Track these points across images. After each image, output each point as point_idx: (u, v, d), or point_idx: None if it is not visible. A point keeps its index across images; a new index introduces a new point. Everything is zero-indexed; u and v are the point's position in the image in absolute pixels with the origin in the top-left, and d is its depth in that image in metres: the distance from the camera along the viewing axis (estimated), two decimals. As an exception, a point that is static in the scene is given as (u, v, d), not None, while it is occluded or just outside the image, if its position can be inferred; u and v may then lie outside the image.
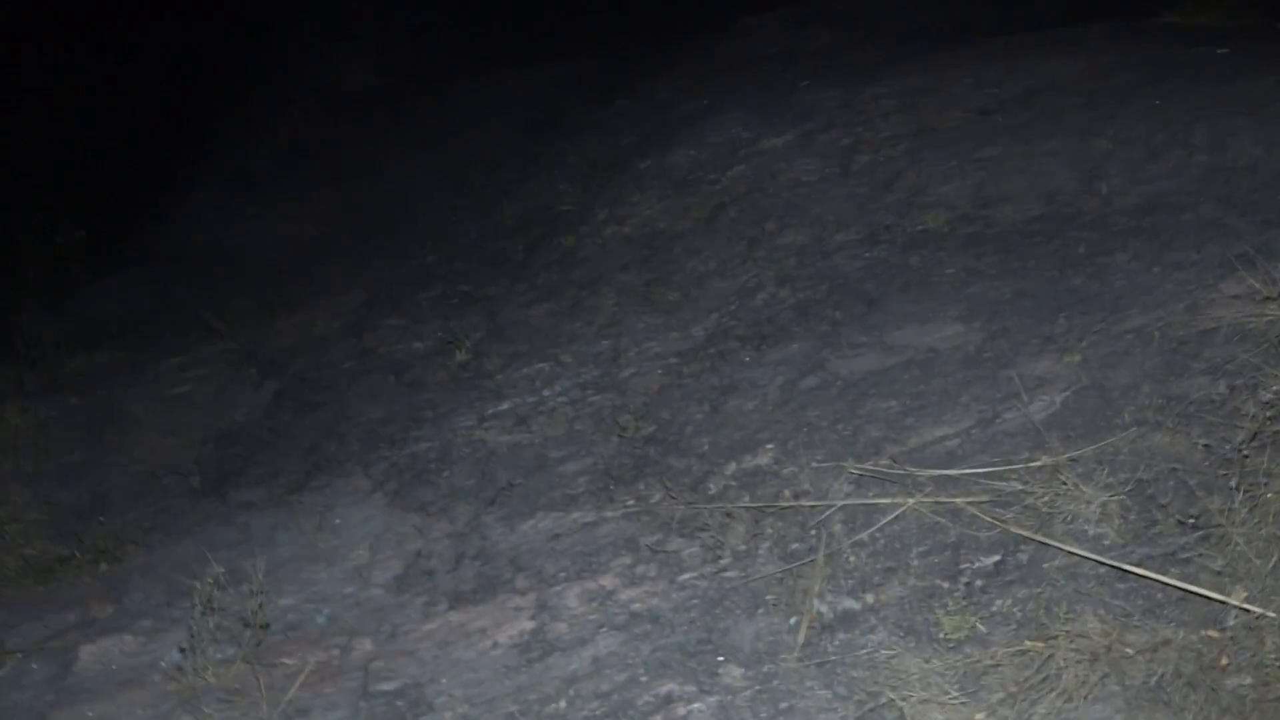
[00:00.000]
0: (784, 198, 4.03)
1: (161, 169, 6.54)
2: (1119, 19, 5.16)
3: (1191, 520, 2.14)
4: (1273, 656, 1.87)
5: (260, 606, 2.56)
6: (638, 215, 4.35)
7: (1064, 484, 2.29)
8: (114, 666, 2.64)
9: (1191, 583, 2.02)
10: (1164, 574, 2.05)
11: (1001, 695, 1.93)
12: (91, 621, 2.86)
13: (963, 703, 1.94)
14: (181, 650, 2.54)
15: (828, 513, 2.44)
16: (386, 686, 2.33)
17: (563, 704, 2.16)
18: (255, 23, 7.57)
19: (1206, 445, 2.25)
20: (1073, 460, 2.34)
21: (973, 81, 4.41)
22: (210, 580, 2.58)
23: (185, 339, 4.71)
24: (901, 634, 2.11)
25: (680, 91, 5.60)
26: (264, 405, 3.99)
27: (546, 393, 3.49)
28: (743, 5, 6.67)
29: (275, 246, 5.73)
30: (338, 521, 3.07)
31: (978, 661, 2.00)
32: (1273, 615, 1.91)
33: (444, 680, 2.30)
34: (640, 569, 2.48)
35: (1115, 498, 2.23)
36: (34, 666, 2.70)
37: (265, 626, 2.57)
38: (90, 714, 2.45)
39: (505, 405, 3.49)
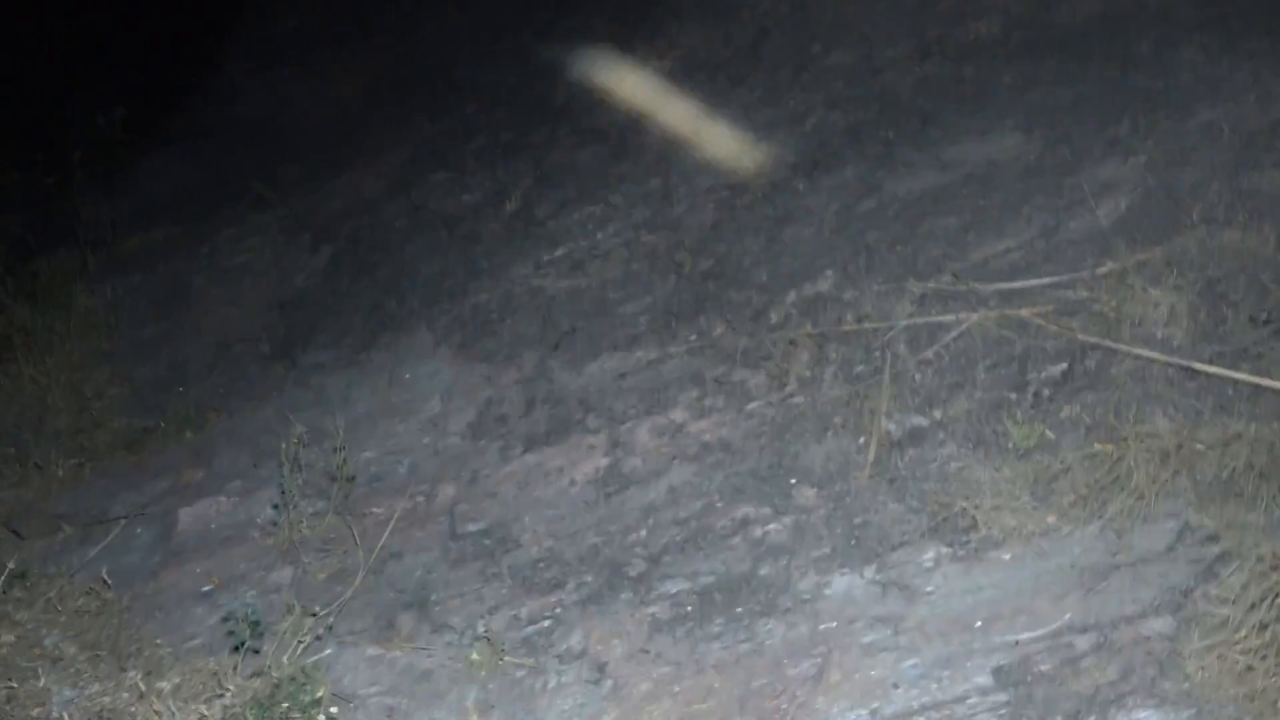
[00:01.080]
0: (828, 16, 3.88)
1: (192, 42, 6.45)
2: None
3: (1264, 316, 2.11)
4: (1348, 443, 1.87)
5: (344, 461, 2.66)
6: (679, 46, 4.23)
7: (1131, 288, 2.26)
8: (213, 526, 2.78)
9: (1263, 377, 2.01)
10: (1235, 370, 2.04)
11: (1072, 498, 1.97)
12: (185, 486, 3.00)
13: (1034, 507, 1.98)
14: (275, 507, 2.66)
15: (891, 333, 2.44)
16: (472, 527, 2.43)
17: (643, 533, 2.24)
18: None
19: (1279, 239, 2.20)
20: (1140, 264, 2.31)
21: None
22: (294, 440, 2.67)
23: (237, 209, 4.75)
24: (971, 446, 2.14)
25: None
26: (322, 269, 4.04)
27: (600, 236, 3.49)
28: None
29: (314, 111, 5.68)
30: (408, 376, 3.15)
31: (1048, 467, 2.03)
32: (1348, 403, 1.91)
33: (526, 518, 2.40)
34: (708, 401, 2.52)
35: (1184, 298, 2.21)
36: (138, 531, 2.86)
37: (351, 479, 2.68)
38: (198, 570, 2.59)
39: (560, 251, 3.50)
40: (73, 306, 4.27)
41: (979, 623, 1.84)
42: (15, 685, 2.26)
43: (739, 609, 2.02)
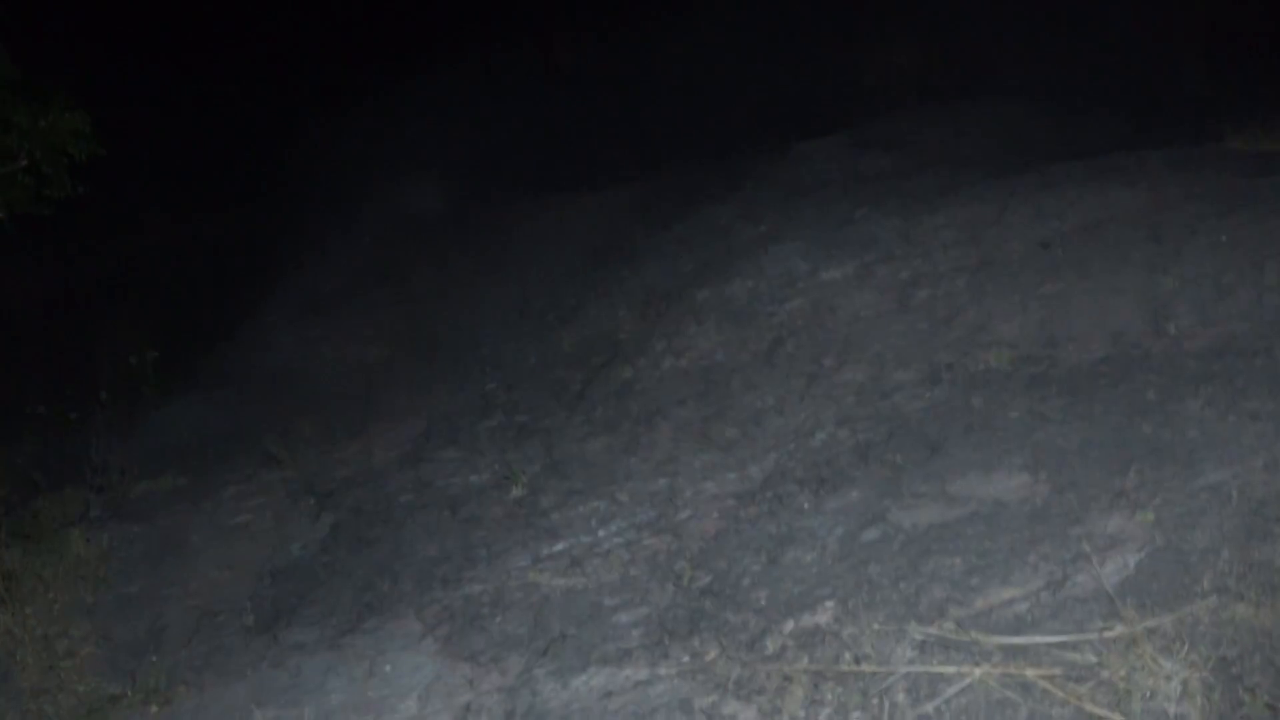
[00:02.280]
0: (842, 332, 4.00)
1: (235, 293, 6.75)
2: (1181, 144, 5.11)
3: (1281, 704, 2.01)
4: None
5: (306, 765, 2.51)
6: (696, 347, 4.34)
7: (1141, 657, 2.17)
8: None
9: (1284, 777, 1.88)
10: (1253, 766, 1.92)
11: None
12: (139, 771, 2.83)
13: None
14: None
15: (890, 680, 2.34)
16: None
17: None
18: (331, 150, 7.86)
19: (1293, 620, 2.13)
20: (1150, 630, 2.23)
21: (1033, 212, 4.38)
22: (258, 735, 2.54)
23: (247, 466, 4.77)
24: (970, 823, 1.99)
25: (739, 218, 5.64)
26: (320, 539, 4.00)
27: (602, 533, 3.44)
28: (799, 131, 6.76)
29: (340, 370, 5.83)
30: (388, 669, 3.03)
31: None
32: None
33: None
34: (694, 736, 2.39)
35: (1197, 674, 2.11)
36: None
37: (311, 786, 2.52)
38: None
39: (560, 545, 3.45)
40: (66, 553, 4.22)
41: None
42: None
43: None
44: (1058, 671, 2.22)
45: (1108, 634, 2.26)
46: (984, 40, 8.09)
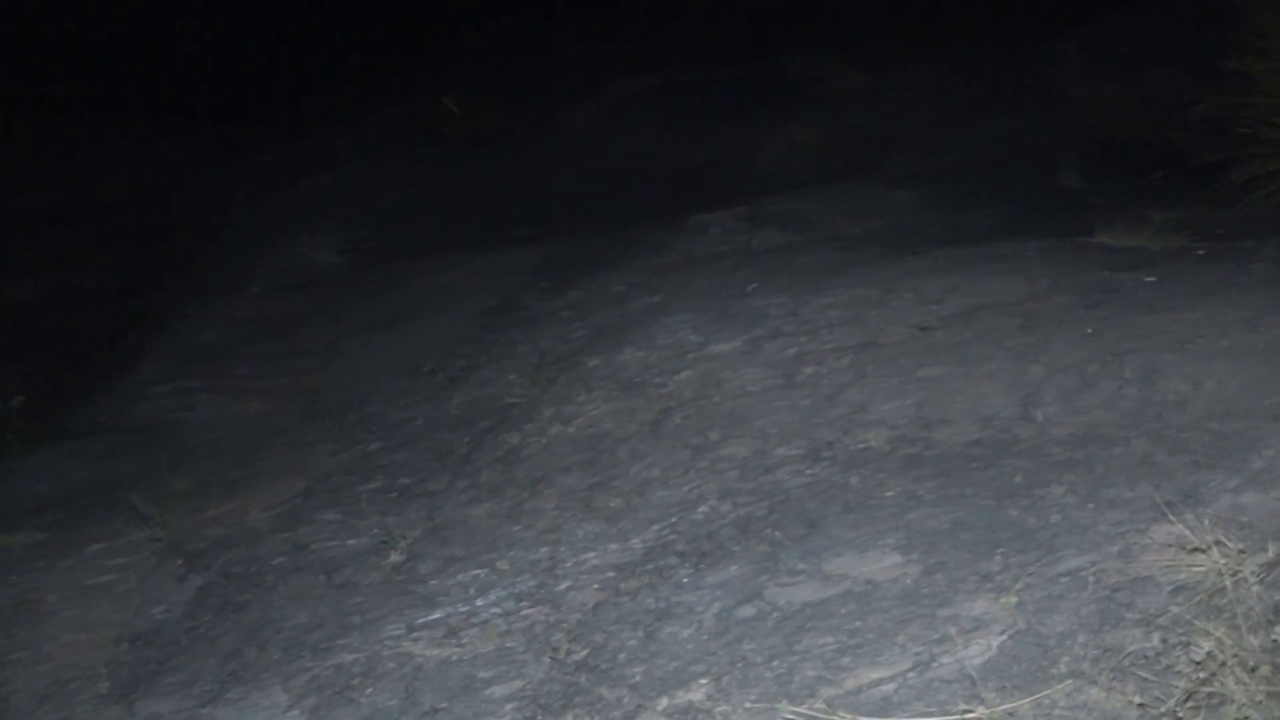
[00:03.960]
0: (729, 406, 4.05)
1: (114, 342, 6.51)
2: (1055, 236, 5.37)
3: (1129, 789, 2.07)
4: None
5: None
6: (585, 415, 4.35)
7: (999, 740, 2.22)
8: None
9: None
10: None
11: None
12: None
13: None
14: None
15: (759, 761, 2.34)
16: None
17: None
18: (223, 202, 7.72)
19: (1141, 704, 2.21)
20: (1009, 714, 2.29)
21: (916, 297, 4.53)
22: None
23: (112, 522, 4.58)
24: None
25: (634, 287, 5.70)
26: (186, 602, 3.85)
27: (480, 602, 3.40)
28: (698, 203, 6.89)
29: (220, 425, 5.65)
30: (249, 743, 2.92)
31: None
32: None
33: None
34: (561, 817, 2.35)
35: (1052, 758, 2.17)
36: None
37: None
38: None
39: (437, 614, 3.38)
40: (-95, 617, 3.98)
41: None
42: None
43: None
44: (921, 754, 2.26)
45: (969, 716, 2.31)
46: (877, 127, 8.42)
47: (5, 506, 4.87)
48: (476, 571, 3.56)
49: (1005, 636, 2.50)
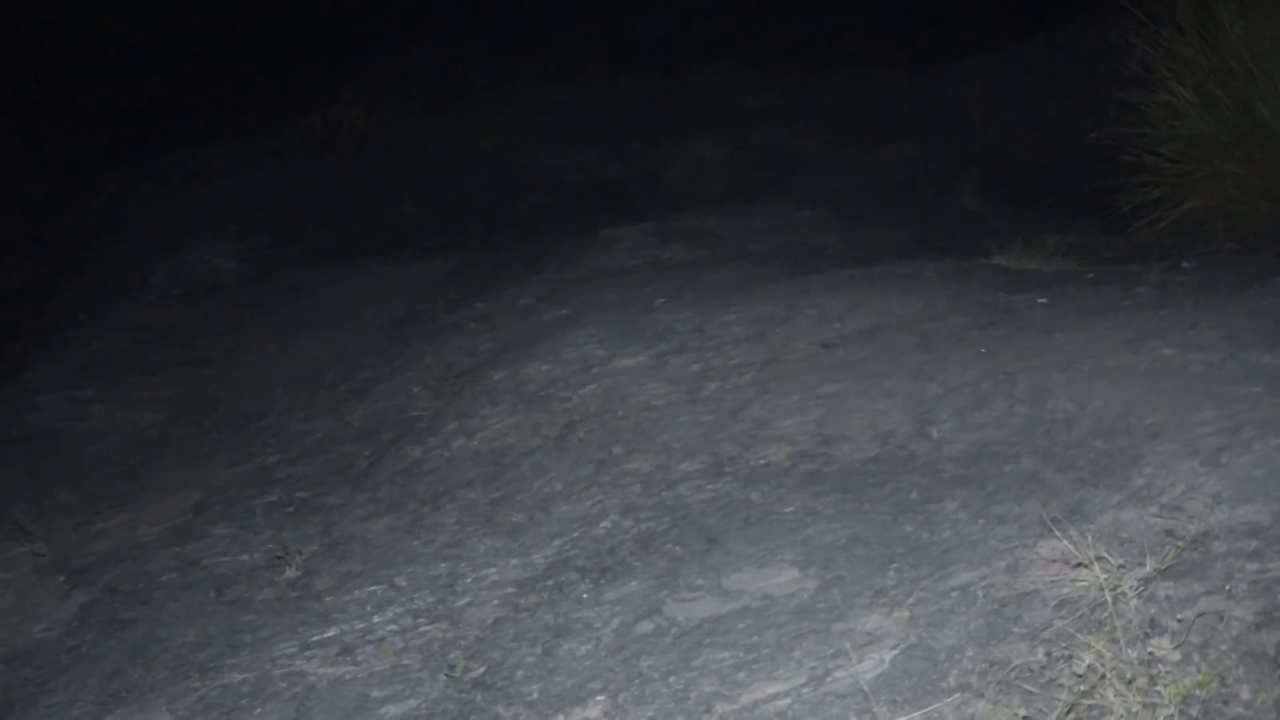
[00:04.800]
0: (633, 421, 4.06)
1: (3, 347, 6.25)
2: (954, 257, 5.51)
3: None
4: None
5: None
6: (488, 429, 4.31)
7: (889, 753, 2.26)
8: None
9: None
10: None
11: None
12: None
13: None
14: None
15: (654, 777, 2.34)
16: None
17: None
18: (122, 205, 7.47)
19: (1025, 717, 2.26)
20: (899, 727, 2.32)
21: (818, 314, 4.60)
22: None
23: (-8, 538, 4.38)
24: None
25: (541, 300, 5.68)
26: (67, 620, 3.70)
27: (377, 619, 3.34)
28: (607, 217, 6.91)
29: (111, 435, 5.46)
30: (129, 767, 2.81)
31: None
32: None
33: None
34: (453, 838, 2.32)
35: (939, 770, 2.21)
36: None
37: None
38: None
39: (331, 632, 3.32)
40: None
41: None
42: None
43: None
44: (813, 768, 2.28)
45: (861, 730, 2.34)
46: (785, 147, 8.55)
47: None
48: (374, 588, 3.50)
49: (897, 651, 2.54)
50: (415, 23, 11.60)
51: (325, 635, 3.29)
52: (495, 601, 3.25)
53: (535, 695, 2.72)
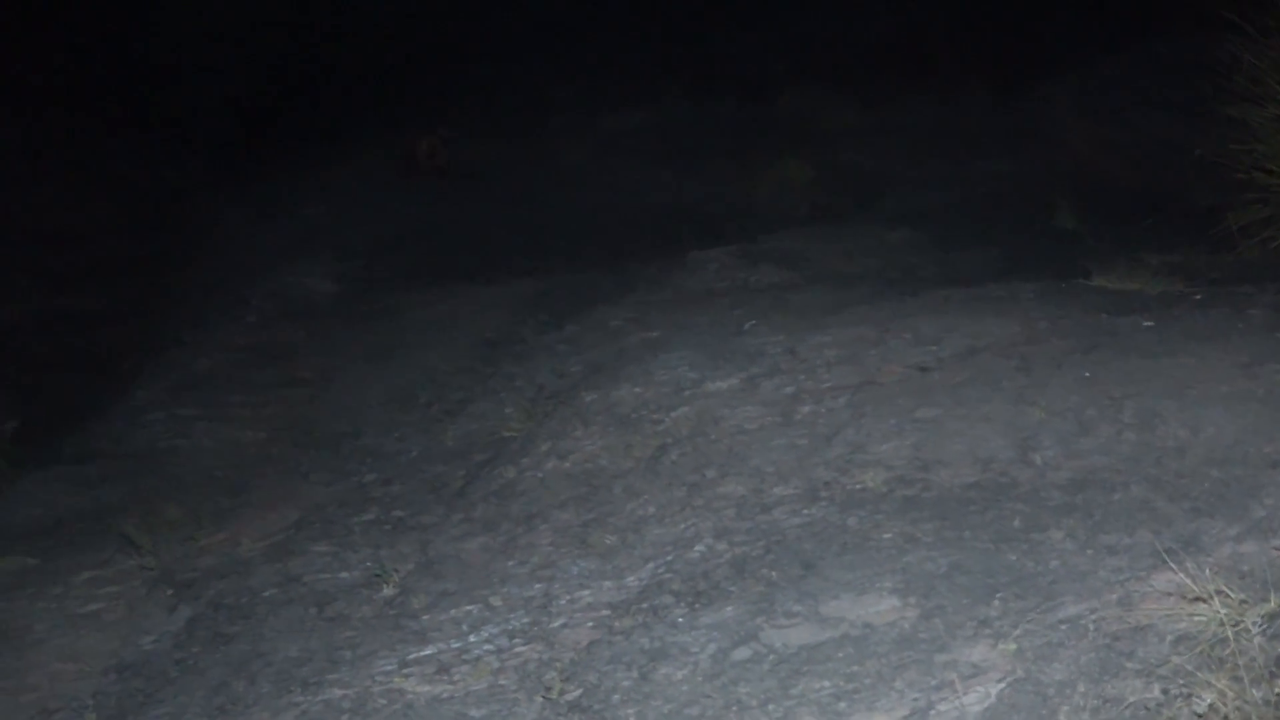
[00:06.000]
0: (726, 444, 4.04)
1: (109, 367, 6.49)
2: (1051, 278, 5.40)
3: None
4: None
5: None
6: (580, 450, 4.33)
7: (998, 790, 2.20)
8: None
9: None
10: None
11: None
12: None
13: None
14: None
15: (755, 807, 2.32)
16: None
17: None
18: (221, 228, 7.71)
19: (1142, 756, 2.20)
20: (1008, 763, 2.27)
21: (913, 337, 4.54)
22: None
23: (103, 551, 4.54)
24: None
25: (631, 322, 5.70)
26: (175, 633, 3.81)
27: (473, 638, 3.36)
28: (694, 239, 6.92)
29: (213, 452, 5.62)
30: (237, 779, 2.88)
31: None
32: None
33: None
34: None
35: (1051, 809, 2.15)
36: None
37: None
38: None
39: (429, 650, 3.35)
40: (-110, 639, 3.93)
41: None
42: None
43: None
44: (919, 802, 2.23)
45: (968, 765, 2.29)
46: (871, 166, 8.48)
47: (-3, 531, 4.82)
48: (469, 607, 3.53)
49: (1004, 684, 2.48)
50: (499, 46, 11.80)
51: (422, 653, 3.33)
52: (590, 623, 3.26)
53: (632, 719, 2.71)
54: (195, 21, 10.21)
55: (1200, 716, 2.20)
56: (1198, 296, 4.81)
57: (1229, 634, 2.32)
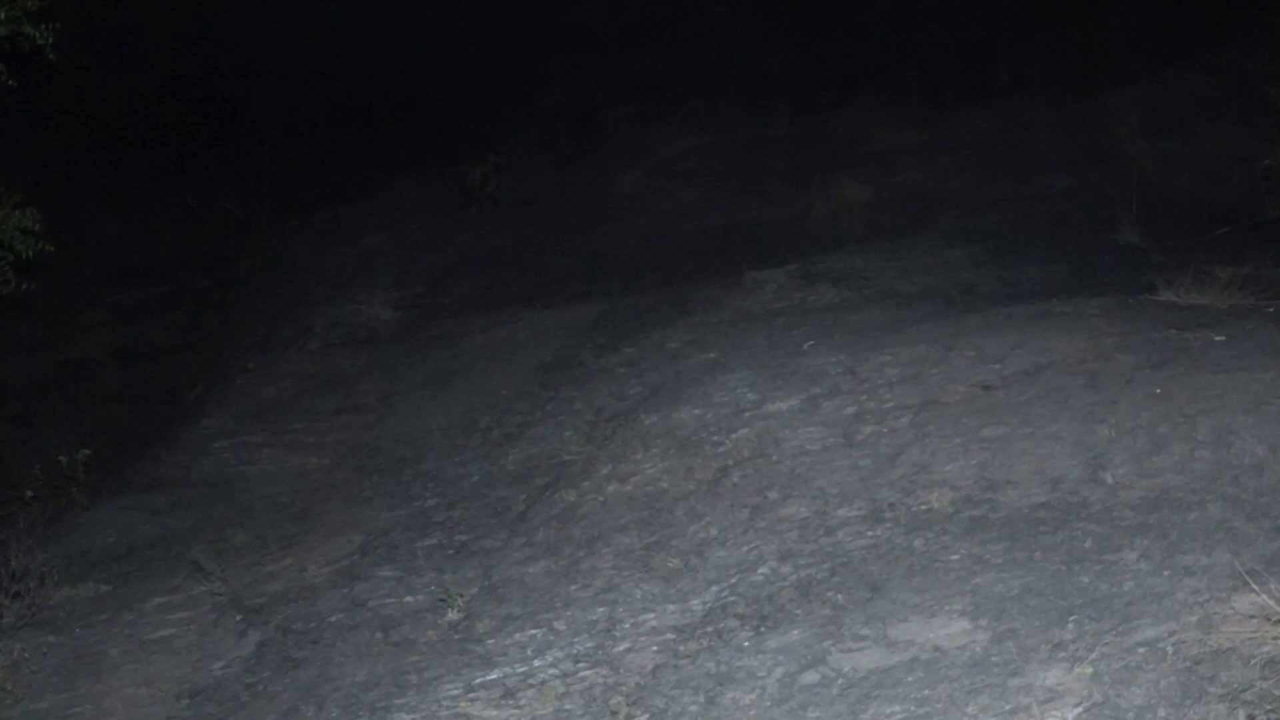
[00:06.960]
0: (787, 465, 4.02)
1: (177, 396, 6.63)
2: (1117, 294, 5.29)
3: None
4: None
5: None
6: (641, 473, 4.33)
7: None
8: None
9: None
10: None
11: None
12: None
13: None
14: None
15: (827, 834, 2.28)
16: None
17: None
18: (283, 258, 7.85)
19: (1229, 784, 2.13)
20: (1088, 790, 2.21)
21: (976, 355, 4.48)
22: None
23: (174, 576, 4.63)
24: None
25: (689, 343, 5.70)
26: (245, 658, 3.86)
27: (538, 663, 3.37)
28: (751, 260, 6.90)
29: (279, 479, 5.71)
30: (307, 806, 2.90)
31: None
32: None
33: None
34: None
35: (1135, 838, 2.09)
36: None
37: None
38: None
39: (494, 674, 3.36)
40: (-30, 667, 4.03)
41: None
42: None
43: None
44: (996, 831, 2.19)
45: (1046, 792, 2.24)
46: (928, 183, 8.39)
47: (70, 559, 4.93)
48: (533, 631, 3.54)
49: (1082, 709, 2.42)
50: (550, 70, 11.90)
51: (488, 678, 3.34)
52: (655, 647, 3.24)
53: (700, 745, 2.69)
54: (257, 60, 10.46)
55: (1289, 743, 2.13)
56: (1271, 310, 4.69)
57: (1317, 657, 2.25)
